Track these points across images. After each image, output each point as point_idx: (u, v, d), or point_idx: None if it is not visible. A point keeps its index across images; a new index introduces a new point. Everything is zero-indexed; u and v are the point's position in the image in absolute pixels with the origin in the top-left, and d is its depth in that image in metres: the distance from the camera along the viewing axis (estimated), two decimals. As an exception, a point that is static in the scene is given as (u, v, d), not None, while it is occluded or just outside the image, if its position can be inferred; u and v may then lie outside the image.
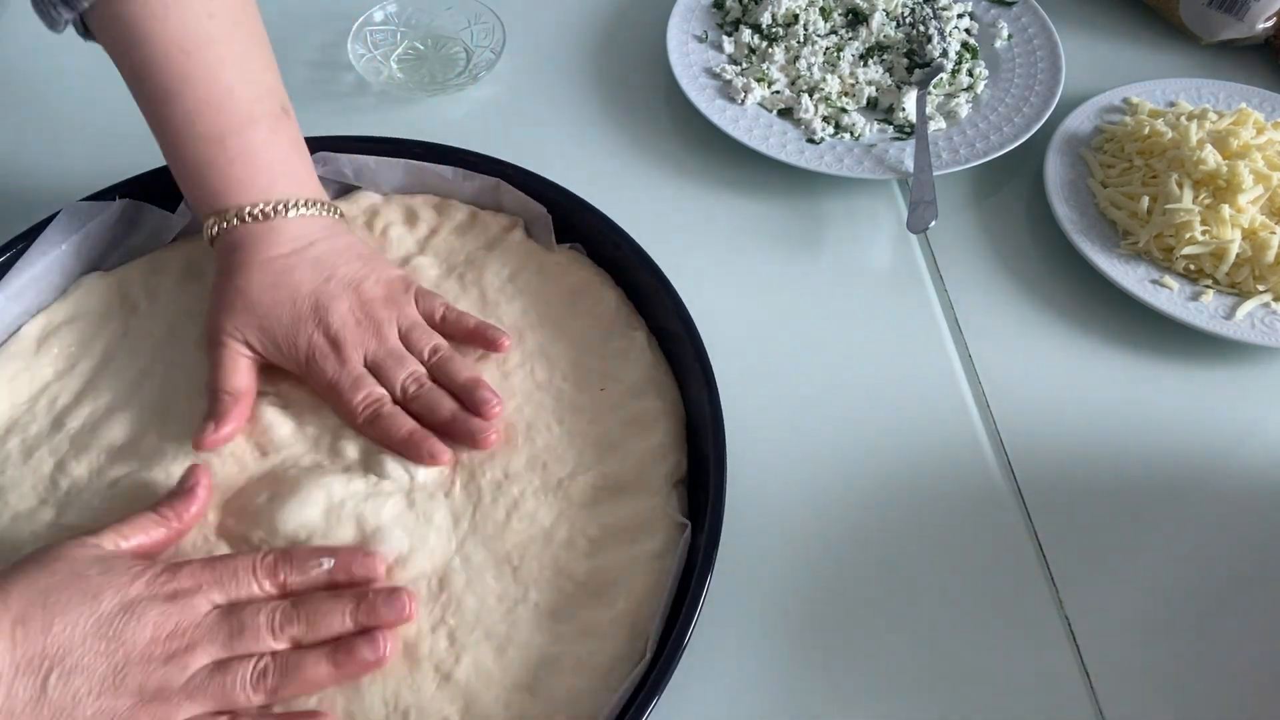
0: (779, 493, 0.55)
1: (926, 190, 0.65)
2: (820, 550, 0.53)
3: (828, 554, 0.53)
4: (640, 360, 0.55)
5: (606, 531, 0.49)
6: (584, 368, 0.55)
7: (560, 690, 0.45)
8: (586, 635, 0.46)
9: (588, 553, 0.49)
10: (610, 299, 0.58)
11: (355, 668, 0.44)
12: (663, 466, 0.51)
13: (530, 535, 0.49)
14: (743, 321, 0.62)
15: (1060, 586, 0.53)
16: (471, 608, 0.47)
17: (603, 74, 0.78)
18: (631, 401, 0.54)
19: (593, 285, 0.58)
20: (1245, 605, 0.53)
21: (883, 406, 0.57)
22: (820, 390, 0.59)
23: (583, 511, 0.50)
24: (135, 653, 0.41)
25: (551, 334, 0.57)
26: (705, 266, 0.64)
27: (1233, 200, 0.62)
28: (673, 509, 0.50)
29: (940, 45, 0.75)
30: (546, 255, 0.60)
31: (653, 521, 0.49)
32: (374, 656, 0.44)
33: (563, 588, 0.48)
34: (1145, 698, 0.50)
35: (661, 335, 0.56)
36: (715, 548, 0.46)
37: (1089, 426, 0.59)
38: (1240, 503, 0.56)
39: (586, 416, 0.53)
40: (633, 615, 0.46)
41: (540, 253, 0.60)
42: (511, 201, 0.61)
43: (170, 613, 0.42)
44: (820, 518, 0.54)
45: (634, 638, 0.46)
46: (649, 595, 0.47)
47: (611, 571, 0.48)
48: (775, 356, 0.61)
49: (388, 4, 0.79)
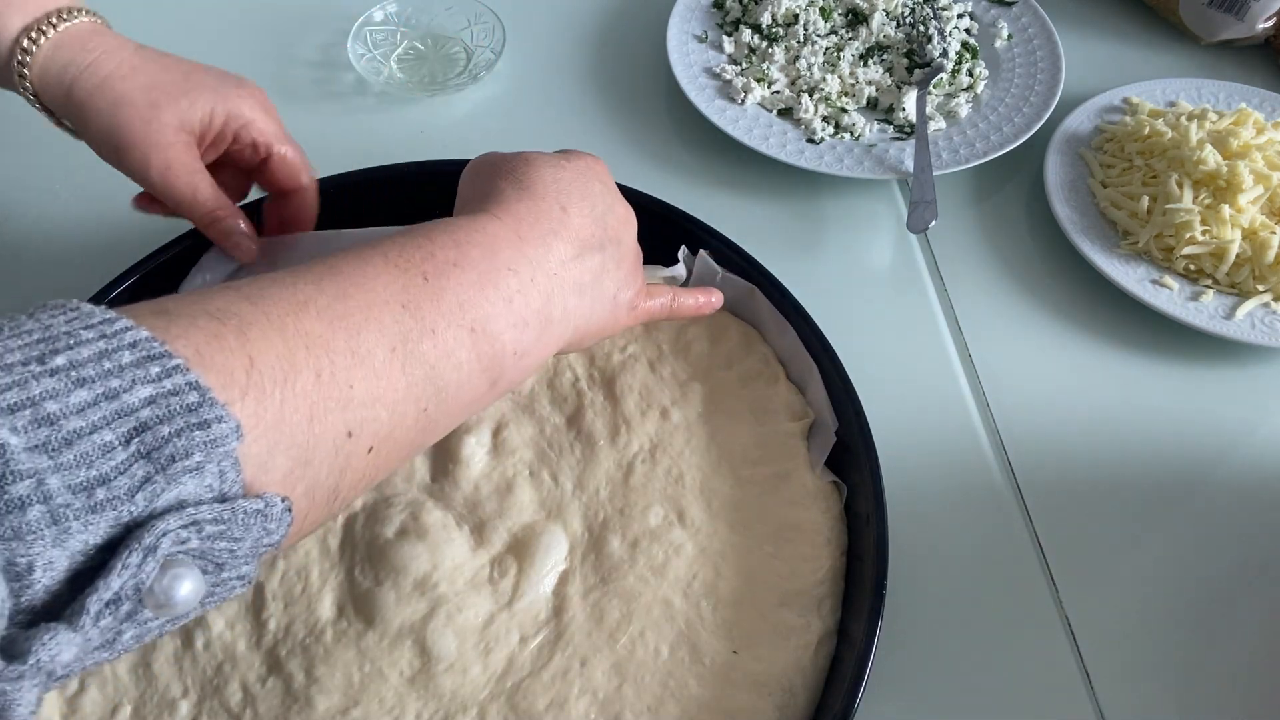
0: (779, 493, 0.55)
1: (926, 190, 0.65)
2: (820, 550, 0.53)
3: (828, 554, 0.53)
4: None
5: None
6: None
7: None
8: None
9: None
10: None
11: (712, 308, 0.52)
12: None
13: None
14: (743, 321, 0.62)
15: (1060, 586, 0.53)
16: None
17: (603, 74, 0.78)
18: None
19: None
20: (1245, 605, 0.53)
21: (882, 406, 0.57)
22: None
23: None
24: (623, 218, 0.46)
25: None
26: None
27: (1233, 200, 0.62)
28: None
29: (940, 45, 0.75)
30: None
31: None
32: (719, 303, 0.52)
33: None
34: (1145, 698, 0.50)
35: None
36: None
37: (1089, 426, 0.59)
38: (1240, 503, 0.56)
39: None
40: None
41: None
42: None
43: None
44: (820, 518, 0.54)
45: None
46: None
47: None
48: (775, 356, 0.61)
49: (388, 4, 0.79)
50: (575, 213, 0.42)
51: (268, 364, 0.30)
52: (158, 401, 0.26)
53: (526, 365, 0.40)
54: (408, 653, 0.46)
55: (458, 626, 0.47)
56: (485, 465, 0.52)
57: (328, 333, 0.32)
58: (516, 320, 0.38)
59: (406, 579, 0.47)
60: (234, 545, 0.28)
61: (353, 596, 0.48)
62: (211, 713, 0.45)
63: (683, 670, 0.47)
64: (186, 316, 0.29)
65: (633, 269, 0.46)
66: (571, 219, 0.42)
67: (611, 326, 0.45)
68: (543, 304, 0.40)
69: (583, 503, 0.51)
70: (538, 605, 0.48)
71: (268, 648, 0.47)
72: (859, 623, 0.46)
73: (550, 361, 0.55)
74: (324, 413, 0.31)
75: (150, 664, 0.46)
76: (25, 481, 0.24)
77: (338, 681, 0.46)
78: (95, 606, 0.25)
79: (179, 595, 0.26)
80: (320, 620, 0.47)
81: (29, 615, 0.24)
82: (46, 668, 0.24)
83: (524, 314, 0.39)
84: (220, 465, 0.27)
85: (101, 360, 0.26)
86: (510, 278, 0.38)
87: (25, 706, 0.25)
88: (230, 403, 0.28)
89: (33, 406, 0.25)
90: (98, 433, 0.25)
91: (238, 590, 0.30)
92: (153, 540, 0.25)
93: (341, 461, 0.32)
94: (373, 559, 0.48)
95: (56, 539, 0.24)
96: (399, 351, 0.34)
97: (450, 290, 0.36)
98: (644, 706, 0.46)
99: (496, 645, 0.47)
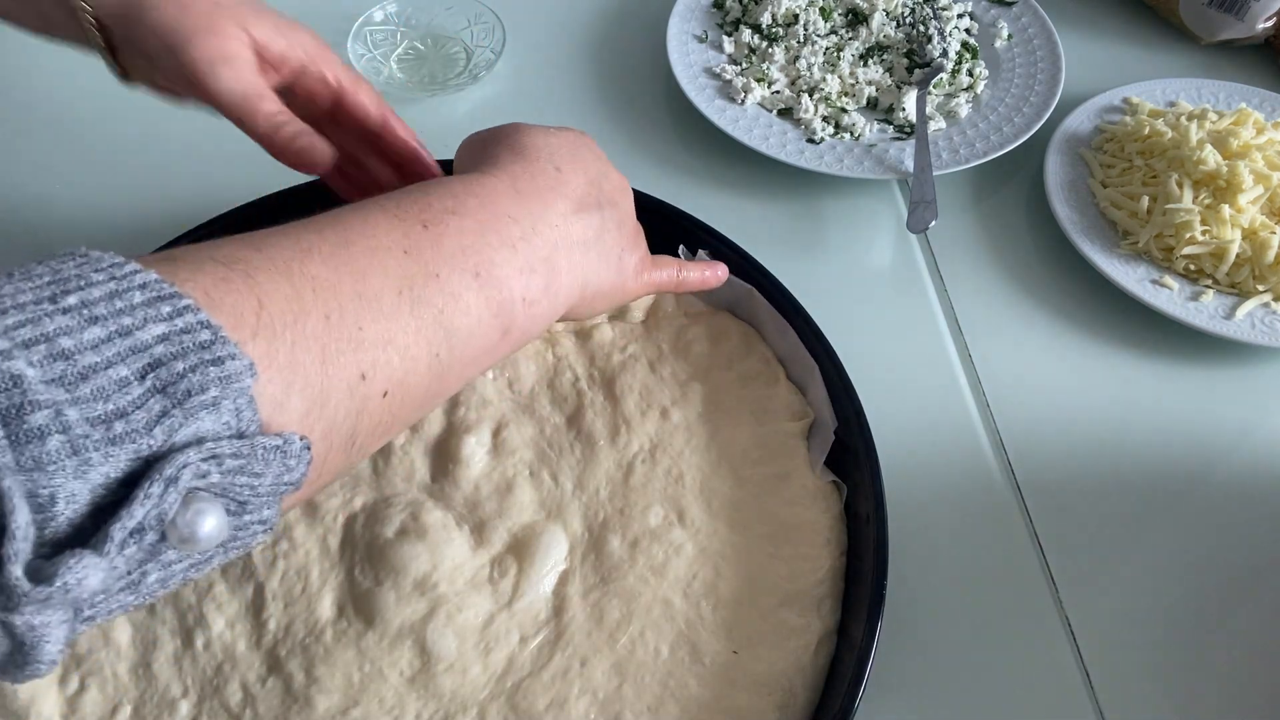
0: (779, 493, 0.55)
1: (926, 190, 0.65)
2: (820, 550, 0.53)
3: (828, 554, 0.53)
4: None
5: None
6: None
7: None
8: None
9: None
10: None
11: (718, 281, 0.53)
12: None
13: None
14: (743, 321, 0.62)
15: (1060, 586, 0.53)
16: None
17: (603, 74, 0.78)
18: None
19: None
20: (1245, 605, 0.53)
21: (882, 406, 0.57)
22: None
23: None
24: (618, 185, 0.46)
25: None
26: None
27: (1233, 200, 0.62)
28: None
29: (940, 45, 0.75)
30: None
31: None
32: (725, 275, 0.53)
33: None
34: (1145, 698, 0.50)
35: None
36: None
37: (1089, 426, 0.59)
38: (1240, 503, 0.56)
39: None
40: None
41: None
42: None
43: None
44: (820, 518, 0.54)
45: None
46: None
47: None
48: (775, 356, 0.61)
49: (388, 4, 0.79)
50: (569, 172, 0.43)
51: (276, 306, 0.30)
52: (170, 339, 0.27)
53: (538, 314, 0.40)
54: (408, 653, 0.46)
55: (458, 626, 0.47)
56: (485, 465, 0.52)
57: (333, 277, 0.32)
58: (523, 265, 0.39)
59: (406, 579, 0.47)
60: (254, 481, 0.28)
61: (353, 596, 0.48)
62: (211, 713, 0.45)
63: (683, 670, 0.47)
64: (193, 262, 0.30)
65: (634, 234, 0.46)
66: (566, 178, 0.43)
67: (619, 290, 0.45)
68: (549, 252, 0.40)
69: (583, 503, 0.51)
70: (538, 605, 0.48)
71: (268, 648, 0.47)
72: (859, 623, 0.46)
73: (550, 360, 0.55)
74: (335, 354, 0.31)
75: (150, 664, 0.46)
76: (44, 411, 0.24)
77: (338, 681, 0.46)
78: (120, 534, 0.25)
79: (203, 530, 0.26)
80: (320, 620, 0.47)
81: (53, 549, 0.25)
82: (74, 592, 0.24)
83: (529, 259, 0.39)
84: (236, 402, 0.28)
85: (113, 300, 0.27)
86: (511, 225, 0.39)
87: (54, 644, 0.25)
88: (241, 343, 0.28)
89: (47, 342, 0.25)
90: (113, 368, 0.26)
91: (260, 537, 0.30)
92: (174, 471, 0.25)
93: (357, 404, 0.32)
94: (373, 559, 0.48)
95: (77, 470, 0.24)
96: (405, 295, 0.34)
97: (450, 236, 0.37)
98: (644, 706, 0.46)
99: (496, 645, 0.47)
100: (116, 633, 0.47)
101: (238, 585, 0.48)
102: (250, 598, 0.48)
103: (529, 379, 0.55)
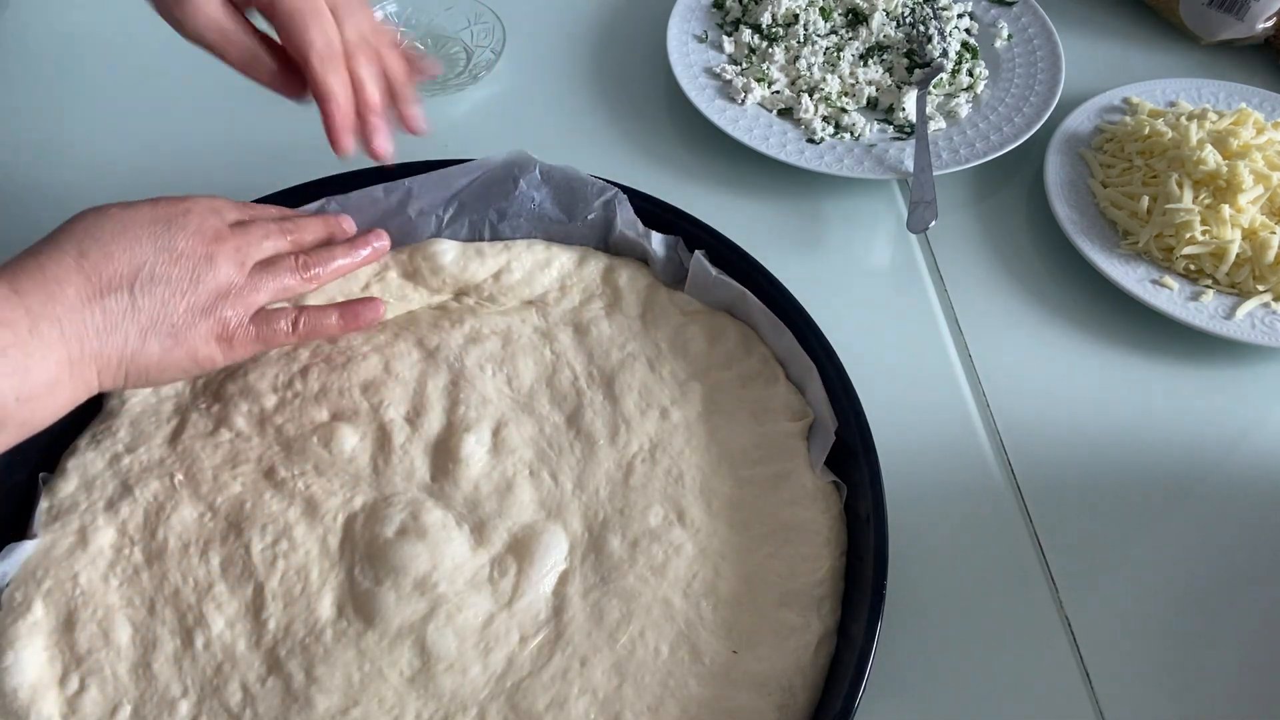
0: (779, 493, 0.55)
1: (926, 190, 0.65)
2: (820, 550, 0.53)
3: (828, 554, 0.53)
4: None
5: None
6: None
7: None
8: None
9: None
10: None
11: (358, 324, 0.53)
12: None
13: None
14: (743, 321, 0.62)
15: (1060, 586, 0.53)
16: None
17: (603, 74, 0.78)
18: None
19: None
20: (1245, 605, 0.53)
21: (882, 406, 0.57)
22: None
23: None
24: (198, 254, 0.46)
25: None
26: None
27: (1233, 200, 0.62)
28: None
29: (940, 45, 0.75)
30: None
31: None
32: (373, 315, 0.53)
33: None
34: (1145, 698, 0.50)
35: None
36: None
37: (1089, 426, 0.59)
38: (1240, 502, 0.56)
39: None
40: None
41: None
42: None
43: (202, 221, 0.47)
44: (820, 518, 0.54)
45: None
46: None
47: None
48: (775, 356, 0.61)
49: (388, 4, 0.79)
50: (99, 258, 0.44)
51: None
52: None
53: (41, 407, 0.43)
54: (408, 652, 0.46)
55: (458, 626, 0.47)
56: (485, 464, 0.52)
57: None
58: (12, 369, 0.41)
59: (406, 579, 0.47)
60: None
61: (353, 596, 0.48)
62: (211, 713, 0.45)
63: (683, 670, 0.47)
64: None
65: (210, 302, 0.47)
66: (94, 263, 0.44)
67: (190, 359, 0.47)
68: (52, 347, 0.42)
69: (583, 502, 0.51)
70: (538, 605, 0.48)
71: (267, 647, 0.47)
72: (859, 623, 0.46)
73: (548, 357, 0.55)
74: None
75: (150, 664, 0.46)
76: None
77: (338, 681, 0.46)
78: None
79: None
80: (320, 620, 0.47)
81: None
82: None
83: (21, 362, 0.41)
84: None
85: None
86: (2, 331, 0.41)
87: None
88: None
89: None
90: None
91: None
92: None
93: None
94: (373, 559, 0.48)
95: None
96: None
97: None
98: (644, 706, 0.46)
99: (496, 645, 0.47)
100: (116, 633, 0.47)
101: (237, 585, 0.48)
102: (250, 598, 0.48)
103: (527, 376, 0.55)
